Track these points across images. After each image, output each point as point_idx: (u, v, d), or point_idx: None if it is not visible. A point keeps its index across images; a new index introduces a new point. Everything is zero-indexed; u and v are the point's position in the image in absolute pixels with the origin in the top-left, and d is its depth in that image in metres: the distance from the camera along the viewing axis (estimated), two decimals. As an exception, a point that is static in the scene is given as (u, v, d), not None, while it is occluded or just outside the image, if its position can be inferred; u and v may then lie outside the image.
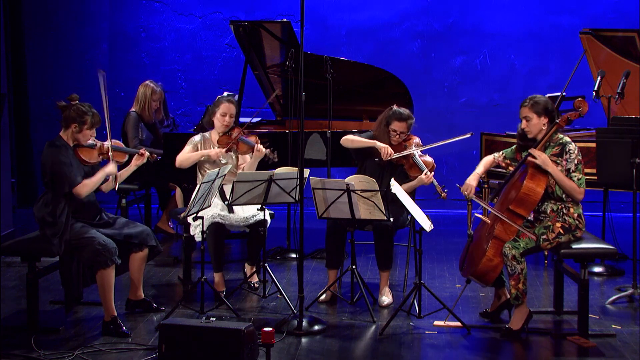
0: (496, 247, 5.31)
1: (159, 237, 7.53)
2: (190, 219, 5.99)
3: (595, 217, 7.71)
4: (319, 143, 7.33)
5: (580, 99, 5.51)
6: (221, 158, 6.34)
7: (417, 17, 9.59)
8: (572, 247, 5.30)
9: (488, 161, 5.69)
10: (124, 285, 5.99)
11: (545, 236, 5.32)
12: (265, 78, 7.86)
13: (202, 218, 5.77)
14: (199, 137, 6.46)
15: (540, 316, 5.71)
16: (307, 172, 5.76)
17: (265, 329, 4.55)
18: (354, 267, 5.88)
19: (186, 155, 6.35)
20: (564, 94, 7.06)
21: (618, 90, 6.87)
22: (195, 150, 6.39)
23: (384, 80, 7.75)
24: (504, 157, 5.64)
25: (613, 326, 5.54)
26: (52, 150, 5.33)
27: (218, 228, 6.07)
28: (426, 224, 5.47)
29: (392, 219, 5.74)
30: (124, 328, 5.29)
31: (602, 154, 6.16)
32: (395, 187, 5.54)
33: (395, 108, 6.21)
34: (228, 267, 6.84)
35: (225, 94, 8.09)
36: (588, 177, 6.14)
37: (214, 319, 4.82)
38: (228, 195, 6.02)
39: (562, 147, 5.35)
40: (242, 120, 7.20)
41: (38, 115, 9.62)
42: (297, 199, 5.90)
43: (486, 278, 5.38)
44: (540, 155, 5.30)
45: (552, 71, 9.49)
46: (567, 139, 5.40)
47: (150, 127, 7.69)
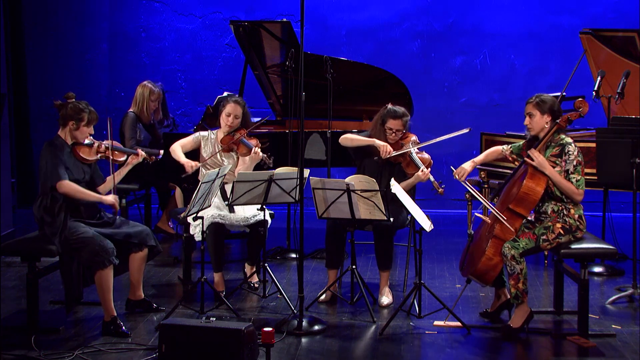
0: (496, 247, 5.31)
1: (159, 237, 7.54)
2: (190, 219, 5.99)
3: (595, 217, 7.71)
4: (319, 143, 7.33)
5: (580, 99, 5.51)
6: (193, 168, 6.35)
7: (417, 17, 9.59)
8: (572, 247, 5.30)
9: (493, 151, 5.69)
10: (124, 286, 5.99)
11: (545, 236, 5.32)
12: (265, 78, 7.86)
13: (202, 218, 5.77)
14: (206, 133, 6.51)
15: (540, 316, 5.71)
16: (307, 172, 5.76)
17: (265, 329, 4.54)
18: (354, 267, 5.88)
19: (178, 146, 6.43)
20: (564, 94, 7.05)
21: (618, 90, 6.87)
22: (195, 143, 6.48)
23: (384, 80, 7.75)
24: (510, 152, 5.65)
25: (613, 326, 5.54)
26: (49, 149, 5.36)
27: (218, 228, 6.07)
28: (426, 224, 5.47)
29: (392, 219, 5.74)
30: (123, 328, 5.29)
31: (602, 154, 6.16)
32: (396, 187, 5.54)
33: (389, 106, 6.22)
34: (228, 267, 6.84)
35: (225, 94, 8.10)
36: (588, 177, 6.15)
37: (214, 319, 4.82)
38: (229, 195, 6.02)
39: (562, 148, 5.35)
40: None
41: (38, 115, 9.62)
42: (297, 199, 5.91)
43: (486, 277, 5.38)
44: (537, 157, 5.30)
45: (552, 71, 9.49)
46: (569, 139, 5.40)
47: (149, 127, 7.69)
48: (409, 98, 7.72)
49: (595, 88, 6.92)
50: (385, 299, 6.00)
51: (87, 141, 5.50)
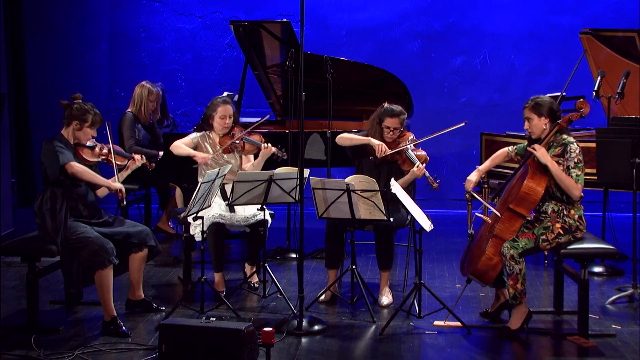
0: (496, 246, 5.31)
1: (159, 237, 7.55)
2: (190, 219, 5.99)
3: (595, 217, 7.71)
4: (319, 143, 7.33)
5: (582, 100, 5.52)
6: (209, 163, 6.33)
7: (417, 17, 9.59)
8: (572, 247, 5.30)
9: (499, 155, 5.69)
10: (124, 286, 5.99)
11: (544, 236, 5.32)
12: (265, 78, 7.86)
13: (202, 218, 5.77)
14: (200, 135, 6.45)
15: (540, 316, 5.71)
16: (307, 172, 5.76)
17: (265, 329, 4.55)
18: (354, 267, 5.88)
19: (181, 143, 6.39)
20: (564, 94, 7.05)
21: (618, 90, 6.87)
22: (193, 144, 6.43)
23: (384, 80, 7.75)
24: (516, 153, 5.65)
25: (613, 326, 5.54)
26: (52, 142, 5.37)
27: (218, 228, 6.07)
28: (426, 224, 5.47)
29: (392, 219, 5.74)
30: (123, 328, 5.29)
31: (602, 154, 6.16)
32: (396, 187, 5.54)
33: (386, 105, 6.22)
34: (228, 267, 6.83)
35: (225, 94, 8.10)
36: (588, 177, 6.14)
37: (214, 319, 4.82)
38: (229, 195, 6.02)
39: (564, 147, 5.35)
40: (243, 120, 7.20)
41: (38, 115, 9.62)
42: (297, 199, 5.91)
43: (485, 277, 5.37)
44: (539, 149, 5.31)
45: (552, 71, 9.49)
46: (571, 139, 5.39)
47: (148, 127, 7.69)
48: (409, 98, 7.73)
49: (595, 88, 6.92)
50: (385, 299, 6.00)
51: (89, 143, 5.51)
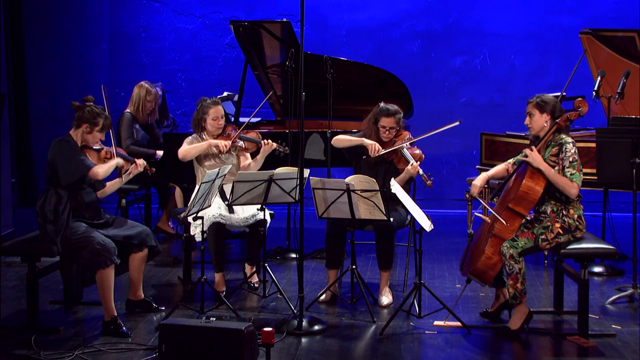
0: (495, 246, 5.32)
1: (159, 237, 7.55)
2: (190, 219, 5.99)
3: (595, 217, 7.71)
4: (319, 143, 7.33)
5: (580, 99, 5.52)
6: (227, 146, 6.28)
7: (417, 17, 9.59)
8: (572, 247, 5.30)
9: (500, 169, 5.67)
10: (124, 286, 5.99)
11: (544, 236, 5.32)
12: (265, 78, 7.85)
13: (202, 218, 5.77)
14: (195, 137, 6.37)
15: (540, 316, 5.71)
16: (307, 172, 5.76)
17: (265, 329, 4.55)
18: (354, 267, 5.88)
19: (189, 146, 6.29)
20: (564, 94, 7.05)
21: (618, 90, 6.87)
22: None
23: (384, 80, 7.75)
24: (512, 164, 5.65)
25: (613, 326, 5.54)
26: (63, 144, 5.37)
27: (219, 228, 6.07)
28: (426, 224, 5.47)
29: (392, 219, 5.74)
30: (123, 328, 5.30)
31: (602, 154, 6.16)
32: (396, 187, 5.54)
33: (382, 105, 6.22)
34: (228, 267, 6.83)
35: (225, 94, 8.11)
36: (588, 177, 6.15)
37: (214, 319, 4.82)
38: (228, 195, 6.02)
39: (560, 147, 5.36)
40: (242, 120, 7.20)
41: (38, 115, 9.62)
42: (297, 199, 5.91)
43: (485, 276, 5.38)
44: (531, 153, 5.32)
45: (552, 71, 9.49)
46: (569, 139, 5.40)
47: (146, 127, 7.69)
48: (409, 98, 7.73)
49: (595, 88, 6.92)
50: (385, 299, 6.00)
51: (96, 146, 5.53)
